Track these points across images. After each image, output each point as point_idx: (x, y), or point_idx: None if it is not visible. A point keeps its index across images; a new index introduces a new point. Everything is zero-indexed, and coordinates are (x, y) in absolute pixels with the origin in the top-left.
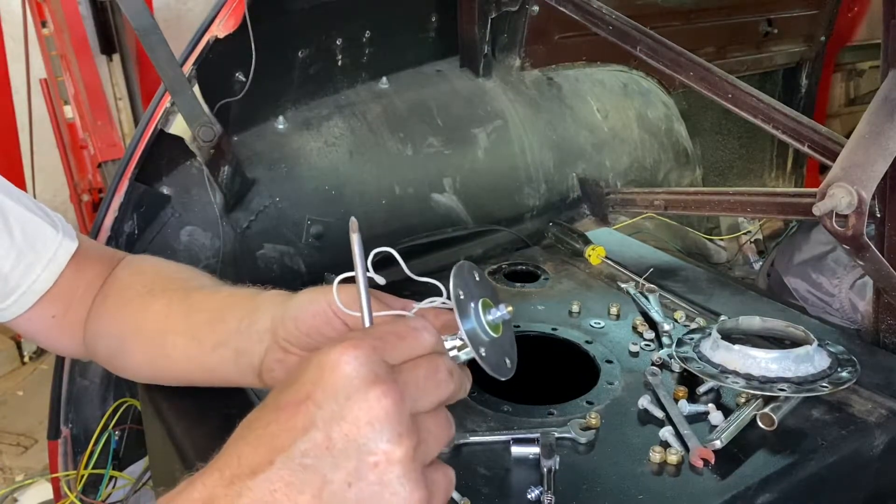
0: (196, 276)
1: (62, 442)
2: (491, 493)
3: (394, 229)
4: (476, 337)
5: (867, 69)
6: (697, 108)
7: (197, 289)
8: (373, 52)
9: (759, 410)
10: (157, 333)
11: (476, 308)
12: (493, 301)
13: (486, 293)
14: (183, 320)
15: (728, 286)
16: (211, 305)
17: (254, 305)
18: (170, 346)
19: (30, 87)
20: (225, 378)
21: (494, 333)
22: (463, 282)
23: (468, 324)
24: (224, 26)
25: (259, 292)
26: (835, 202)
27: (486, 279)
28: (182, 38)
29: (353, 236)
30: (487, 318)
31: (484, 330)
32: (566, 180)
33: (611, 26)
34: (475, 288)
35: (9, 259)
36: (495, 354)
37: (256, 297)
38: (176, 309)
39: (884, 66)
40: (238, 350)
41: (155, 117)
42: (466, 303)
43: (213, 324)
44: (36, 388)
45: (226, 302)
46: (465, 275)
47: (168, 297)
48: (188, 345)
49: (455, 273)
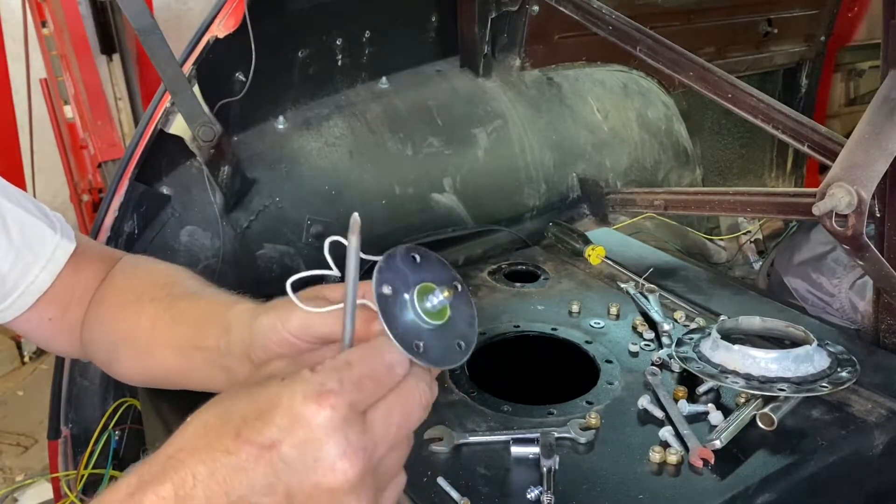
0: (182, 281)
1: (62, 442)
2: (491, 492)
3: (394, 229)
4: (413, 331)
5: (867, 69)
6: (697, 108)
7: (180, 297)
8: (373, 52)
9: (759, 410)
10: (147, 344)
11: (411, 299)
12: (440, 282)
13: (427, 276)
14: (169, 332)
15: (728, 286)
16: (192, 317)
17: (226, 323)
18: (159, 357)
19: (30, 87)
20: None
21: (437, 321)
22: (392, 273)
23: (401, 319)
24: (224, 26)
25: (232, 305)
26: (834, 202)
27: (431, 258)
28: (182, 38)
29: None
30: (425, 306)
31: (423, 320)
32: (566, 180)
33: (611, 26)
34: (413, 273)
35: (7, 260)
36: (440, 342)
37: (228, 313)
38: (162, 320)
39: (884, 66)
40: (224, 368)
41: (155, 117)
42: (397, 296)
43: (196, 339)
44: (36, 388)
45: (204, 314)
46: (399, 263)
47: (154, 307)
48: (176, 356)
49: (379, 267)
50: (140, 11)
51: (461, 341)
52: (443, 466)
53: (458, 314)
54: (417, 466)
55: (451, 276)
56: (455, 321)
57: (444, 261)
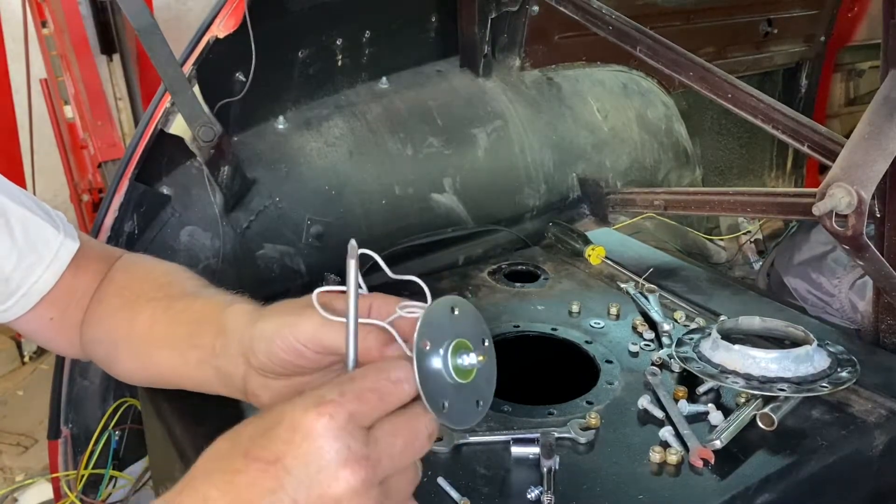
0: (179, 281)
1: (62, 442)
2: (491, 493)
3: (394, 229)
4: (439, 386)
5: (867, 69)
6: (697, 108)
7: (178, 297)
8: (373, 52)
9: (759, 410)
10: (145, 345)
11: (445, 356)
12: (473, 339)
13: (461, 329)
14: (166, 333)
15: (728, 286)
16: (188, 317)
17: (222, 325)
18: (157, 358)
19: (30, 87)
20: (215, 391)
21: (462, 379)
22: (432, 327)
23: (430, 373)
24: (224, 26)
25: (228, 305)
26: (834, 202)
27: (468, 311)
28: (182, 38)
29: (350, 262)
30: (456, 363)
31: (451, 376)
32: (566, 180)
33: (611, 26)
34: (450, 325)
35: (10, 260)
36: (462, 400)
37: (224, 314)
38: (159, 320)
39: (884, 66)
40: (219, 369)
41: (155, 117)
42: (432, 350)
43: (192, 339)
44: (36, 388)
45: (200, 314)
46: (439, 314)
47: (152, 307)
48: (173, 358)
49: (423, 321)
50: (140, 11)
51: (480, 400)
52: (443, 466)
53: (482, 371)
54: None
55: (482, 331)
56: (479, 377)
57: (478, 313)
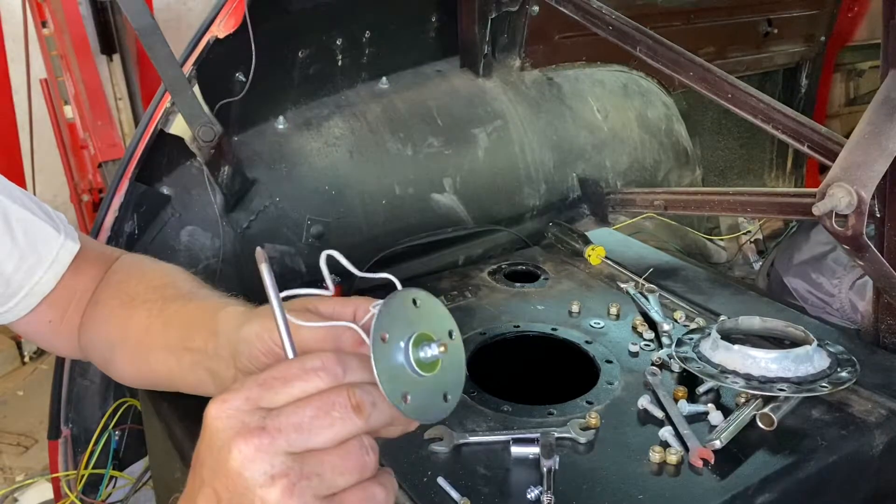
0: (175, 283)
1: (62, 442)
2: (491, 492)
3: (394, 229)
4: (402, 379)
5: (867, 69)
6: (697, 108)
7: (172, 299)
8: (373, 52)
9: (759, 410)
10: (141, 347)
11: (406, 346)
12: (438, 332)
13: (425, 323)
14: (161, 335)
15: (728, 286)
16: (182, 320)
17: (214, 326)
18: (153, 361)
19: (30, 87)
20: (210, 393)
21: (426, 372)
22: (390, 318)
23: (392, 365)
24: (224, 26)
25: (222, 307)
26: (834, 202)
27: (431, 303)
28: (182, 38)
29: (262, 267)
30: (418, 355)
31: (414, 369)
32: (566, 180)
33: (611, 26)
34: (412, 318)
35: (11, 261)
36: (426, 392)
37: (217, 316)
38: (154, 322)
39: (884, 66)
40: (211, 371)
41: (155, 117)
42: (393, 343)
43: (185, 341)
44: (36, 388)
45: (193, 317)
46: (400, 306)
47: (147, 310)
48: (168, 360)
49: (379, 312)
50: (140, 11)
51: (448, 393)
52: (443, 466)
53: (450, 363)
54: (417, 466)
55: (448, 323)
56: (445, 370)
57: (444, 306)
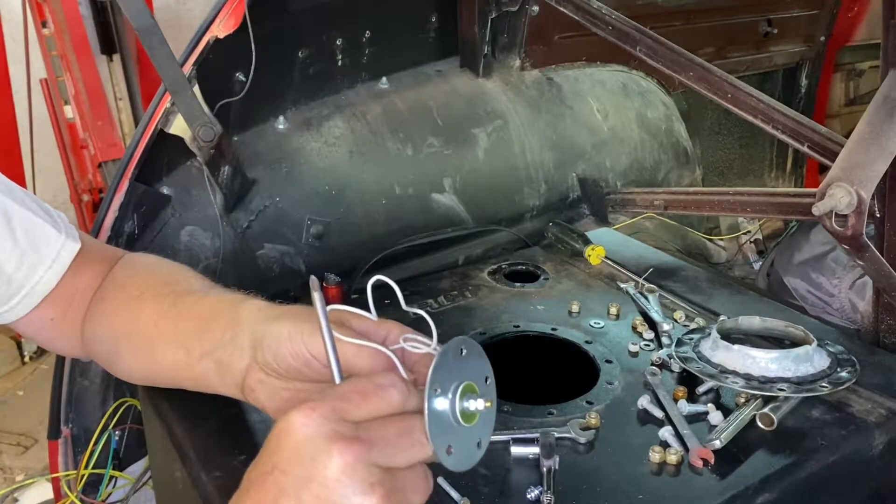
0: (186, 279)
1: (62, 442)
2: (491, 493)
3: (394, 229)
4: (445, 429)
5: (867, 69)
6: (697, 108)
7: (186, 293)
8: (373, 52)
9: (759, 410)
10: (148, 339)
11: (454, 397)
12: (477, 379)
13: (467, 371)
14: (171, 327)
15: (728, 286)
16: (198, 313)
17: (236, 316)
18: (160, 353)
19: (30, 87)
20: (210, 387)
21: (467, 423)
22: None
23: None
24: (224, 26)
25: (243, 300)
26: (834, 202)
27: (474, 350)
28: (182, 38)
29: (315, 295)
30: (463, 406)
31: (456, 418)
32: (566, 180)
33: (611, 26)
34: (458, 368)
35: (12, 260)
36: (464, 443)
37: (239, 307)
38: (165, 315)
39: (884, 66)
40: (220, 362)
41: (155, 117)
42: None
43: (200, 333)
44: (36, 388)
45: (212, 309)
46: (448, 357)
47: (158, 303)
48: (177, 352)
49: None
50: (140, 11)
51: (480, 440)
52: (443, 466)
53: (487, 411)
54: None
55: (486, 368)
56: (481, 419)
57: (483, 352)
